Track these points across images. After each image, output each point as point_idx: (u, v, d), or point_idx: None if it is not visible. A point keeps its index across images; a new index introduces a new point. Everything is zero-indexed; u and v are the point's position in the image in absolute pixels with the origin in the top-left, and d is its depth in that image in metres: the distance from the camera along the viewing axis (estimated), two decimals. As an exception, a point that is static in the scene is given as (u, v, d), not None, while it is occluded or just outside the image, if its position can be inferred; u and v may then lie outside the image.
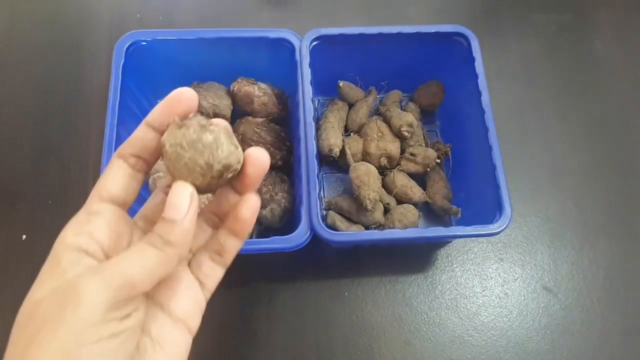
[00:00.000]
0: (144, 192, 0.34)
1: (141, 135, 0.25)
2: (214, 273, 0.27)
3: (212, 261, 0.27)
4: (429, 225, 0.58)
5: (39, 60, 0.65)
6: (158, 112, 0.25)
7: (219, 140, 0.23)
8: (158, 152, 0.25)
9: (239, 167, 0.25)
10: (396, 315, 0.54)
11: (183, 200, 0.23)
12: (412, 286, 0.55)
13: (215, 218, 0.28)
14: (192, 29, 0.54)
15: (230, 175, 0.25)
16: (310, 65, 0.53)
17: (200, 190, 0.24)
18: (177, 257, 0.23)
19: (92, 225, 0.23)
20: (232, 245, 0.27)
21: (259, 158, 0.26)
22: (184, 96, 0.25)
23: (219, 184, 0.25)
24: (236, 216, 0.26)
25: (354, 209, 0.54)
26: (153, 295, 0.25)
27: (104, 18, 0.68)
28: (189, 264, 0.27)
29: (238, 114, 0.58)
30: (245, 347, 0.51)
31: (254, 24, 0.69)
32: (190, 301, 0.26)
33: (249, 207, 0.26)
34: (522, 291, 0.56)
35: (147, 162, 0.26)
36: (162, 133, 0.25)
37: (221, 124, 0.24)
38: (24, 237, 0.54)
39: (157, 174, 0.53)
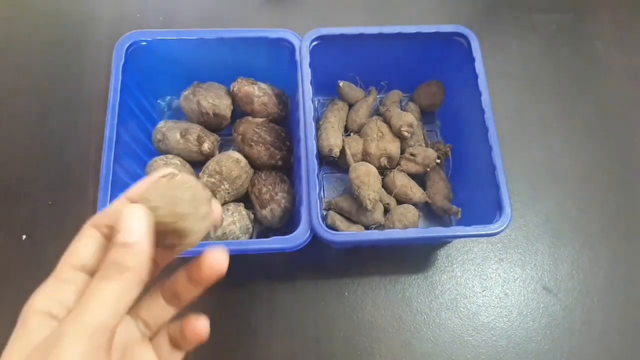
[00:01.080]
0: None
1: (119, 209, 0.24)
2: (173, 357, 0.28)
3: (171, 345, 0.28)
4: (429, 225, 0.58)
5: (39, 60, 0.65)
6: (139, 189, 0.25)
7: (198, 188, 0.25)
8: None
9: (200, 210, 0.24)
10: (396, 315, 0.53)
11: (137, 221, 0.23)
12: (412, 286, 0.55)
13: (174, 298, 0.28)
14: (192, 29, 0.54)
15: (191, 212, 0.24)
16: (310, 65, 0.53)
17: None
18: (137, 282, 0.23)
19: (63, 293, 0.23)
20: (187, 344, 0.28)
21: (215, 258, 0.26)
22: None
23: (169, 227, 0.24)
24: (184, 335, 0.27)
25: (354, 209, 0.54)
26: None
27: (104, 18, 0.68)
28: (151, 340, 0.28)
29: (238, 114, 0.58)
30: (245, 347, 0.51)
31: (254, 24, 0.69)
32: None
33: (193, 335, 0.27)
34: (522, 291, 0.56)
35: None
36: None
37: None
38: (24, 237, 0.54)
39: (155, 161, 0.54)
